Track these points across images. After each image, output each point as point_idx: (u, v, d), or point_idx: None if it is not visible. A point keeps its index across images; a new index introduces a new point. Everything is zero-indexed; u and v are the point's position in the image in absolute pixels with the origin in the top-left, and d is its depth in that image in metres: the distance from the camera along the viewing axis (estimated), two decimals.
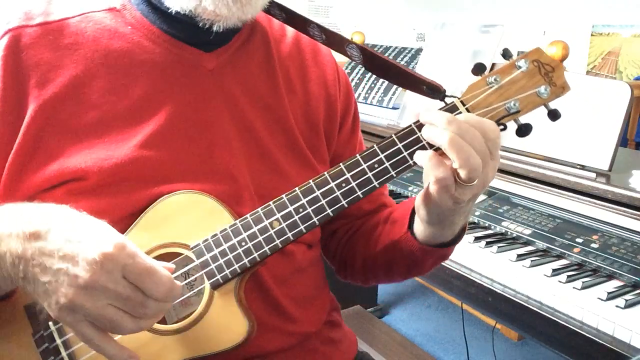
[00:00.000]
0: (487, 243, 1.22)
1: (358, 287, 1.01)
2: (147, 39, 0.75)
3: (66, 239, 0.58)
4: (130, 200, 0.70)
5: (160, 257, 0.69)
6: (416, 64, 1.85)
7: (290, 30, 0.88)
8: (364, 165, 0.69)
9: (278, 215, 0.70)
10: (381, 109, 1.91)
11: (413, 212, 0.78)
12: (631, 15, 3.69)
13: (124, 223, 0.69)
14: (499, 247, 1.20)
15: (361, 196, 0.69)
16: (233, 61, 0.79)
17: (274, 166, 0.79)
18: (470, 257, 1.20)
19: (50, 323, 0.68)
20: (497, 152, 0.66)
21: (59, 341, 0.67)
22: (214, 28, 0.73)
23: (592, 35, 3.95)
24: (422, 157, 0.65)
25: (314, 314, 0.86)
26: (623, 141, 2.62)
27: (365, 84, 2.03)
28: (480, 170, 0.63)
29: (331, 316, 0.92)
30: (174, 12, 0.72)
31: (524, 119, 0.70)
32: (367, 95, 1.99)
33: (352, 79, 2.09)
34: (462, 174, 0.63)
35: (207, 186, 0.73)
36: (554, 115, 0.70)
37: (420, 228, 0.77)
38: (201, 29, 0.73)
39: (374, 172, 0.68)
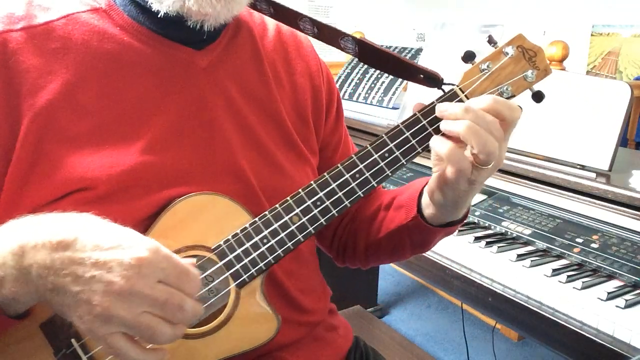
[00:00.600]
0: (487, 243, 1.22)
1: (358, 287, 1.02)
2: (137, 40, 0.73)
3: (95, 246, 0.56)
4: (141, 206, 0.69)
5: None
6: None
7: (270, 23, 0.87)
8: (376, 155, 0.71)
9: (297, 210, 0.70)
10: (381, 109, 1.91)
11: (419, 196, 0.81)
12: (631, 15, 3.69)
13: (137, 229, 0.67)
14: (499, 247, 1.20)
15: (375, 185, 0.72)
16: (224, 57, 0.78)
17: (272, 161, 0.79)
18: (470, 257, 1.20)
19: (73, 340, 0.65)
20: (512, 129, 0.69)
21: (84, 358, 0.65)
22: (205, 27, 0.72)
23: (592, 35, 3.95)
24: (442, 148, 0.67)
25: (320, 303, 0.88)
26: (623, 141, 2.62)
27: (365, 84, 2.03)
28: (497, 152, 0.66)
29: (329, 304, 0.94)
30: (162, 14, 0.70)
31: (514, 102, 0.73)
32: (367, 95, 1.99)
33: (352, 79, 2.09)
34: (481, 157, 0.65)
35: (214, 186, 0.72)
36: (538, 96, 0.73)
37: (431, 211, 0.78)
38: (192, 28, 0.72)
39: (386, 161, 0.71)
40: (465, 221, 0.82)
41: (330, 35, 0.80)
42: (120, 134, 0.70)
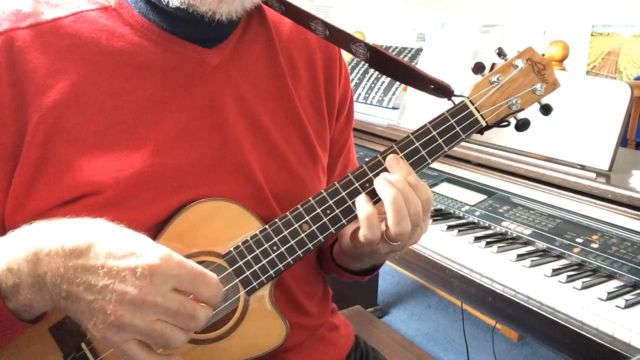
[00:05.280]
0: (487, 243, 1.22)
1: (358, 287, 1.03)
2: (147, 39, 0.71)
3: (108, 254, 0.56)
4: (151, 212, 0.67)
5: None
6: (416, 64, 1.85)
7: None
8: (385, 165, 0.71)
9: (307, 218, 0.70)
10: (381, 109, 1.91)
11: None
12: (631, 15, 3.69)
13: (147, 235, 0.64)
14: (499, 247, 1.20)
15: None
16: (236, 54, 0.77)
17: (283, 162, 0.78)
18: (470, 257, 1.20)
19: (83, 344, 0.65)
20: (427, 217, 0.71)
21: None
22: (216, 17, 0.69)
23: (592, 35, 3.95)
24: (363, 210, 0.69)
25: (324, 306, 0.89)
26: (623, 141, 2.62)
27: (366, 83, 2.03)
28: (408, 234, 0.68)
29: (331, 304, 0.94)
30: (173, 6, 0.69)
31: (521, 115, 0.74)
32: (367, 95, 1.99)
33: (353, 79, 2.08)
34: (392, 231, 0.68)
35: (223, 188, 0.71)
36: (546, 109, 0.74)
37: (336, 247, 0.84)
38: (202, 23, 0.70)
39: None
40: (366, 276, 0.88)
41: (341, 39, 0.79)
42: (129, 136, 0.68)
